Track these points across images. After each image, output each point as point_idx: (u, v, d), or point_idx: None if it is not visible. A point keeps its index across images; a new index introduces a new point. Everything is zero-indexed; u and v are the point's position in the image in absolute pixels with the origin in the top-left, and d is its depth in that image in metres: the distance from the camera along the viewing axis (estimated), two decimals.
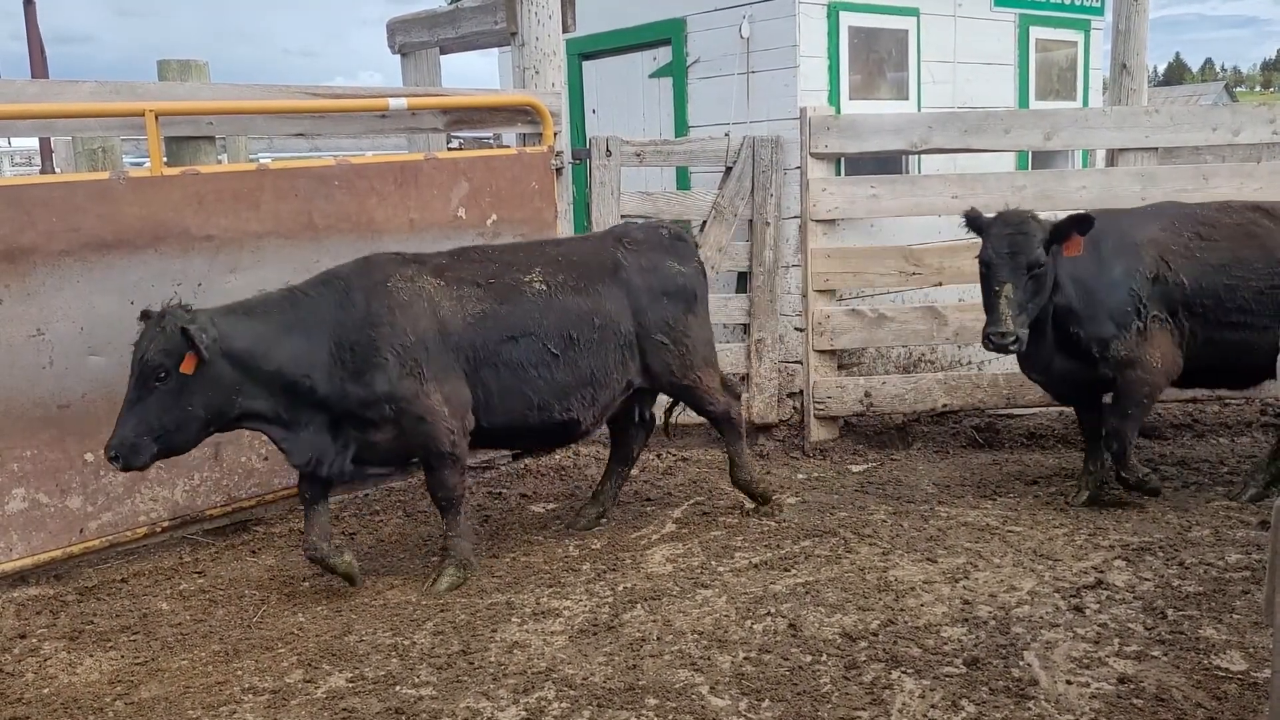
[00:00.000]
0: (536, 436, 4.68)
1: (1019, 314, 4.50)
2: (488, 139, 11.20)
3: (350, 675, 3.61)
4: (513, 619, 4.01)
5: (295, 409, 4.09)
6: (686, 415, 5.28)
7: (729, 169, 6.20)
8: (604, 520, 5.02)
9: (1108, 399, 4.94)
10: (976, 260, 5.99)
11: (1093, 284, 4.70)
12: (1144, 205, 5.08)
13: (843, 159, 6.44)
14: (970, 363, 7.48)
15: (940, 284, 6.18)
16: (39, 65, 9.17)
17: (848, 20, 6.73)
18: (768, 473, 5.81)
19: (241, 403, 3.99)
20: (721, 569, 4.42)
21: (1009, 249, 4.55)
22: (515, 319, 4.38)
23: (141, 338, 3.88)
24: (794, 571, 4.36)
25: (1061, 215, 4.74)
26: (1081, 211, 4.58)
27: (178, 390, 3.84)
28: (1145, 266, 4.71)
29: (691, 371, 4.80)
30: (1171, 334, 4.73)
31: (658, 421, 5.21)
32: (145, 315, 3.95)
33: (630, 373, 4.68)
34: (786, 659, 3.58)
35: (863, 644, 3.67)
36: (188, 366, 3.81)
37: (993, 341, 4.51)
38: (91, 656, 3.85)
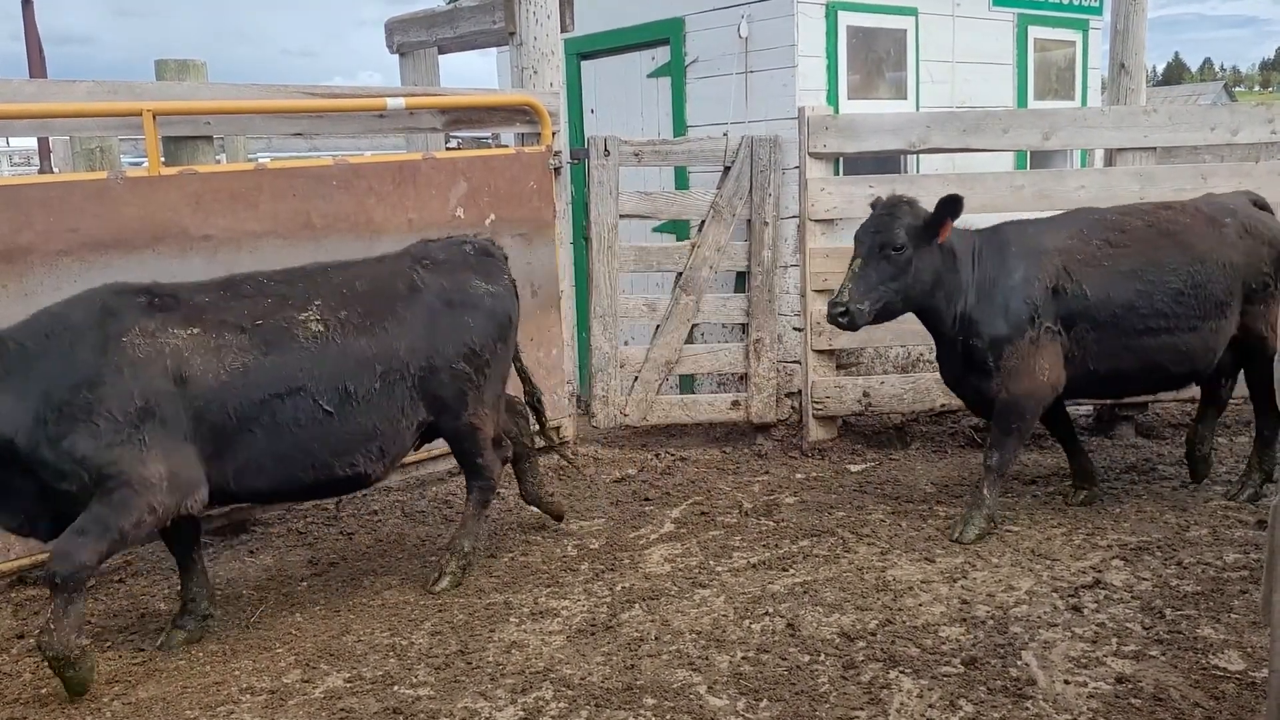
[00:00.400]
0: (317, 493, 4.21)
1: (865, 291, 4.46)
2: (486, 139, 11.20)
3: (348, 675, 3.60)
4: (511, 619, 4.01)
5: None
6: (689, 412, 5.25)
7: (727, 169, 6.20)
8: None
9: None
10: None
11: (992, 291, 4.61)
12: (1059, 212, 5.02)
13: (841, 159, 6.43)
14: None
15: None
16: (37, 65, 9.15)
17: (846, 20, 6.72)
18: (766, 472, 5.82)
19: None
20: (720, 569, 4.42)
21: (873, 228, 4.58)
22: (283, 372, 3.78)
23: None
24: (792, 571, 4.36)
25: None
26: (950, 194, 4.50)
27: None
28: (1046, 275, 4.60)
29: (480, 409, 4.30)
30: (1061, 346, 4.62)
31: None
32: None
33: (421, 413, 4.16)
34: (784, 659, 3.58)
35: (861, 644, 3.67)
36: None
37: (828, 311, 4.54)
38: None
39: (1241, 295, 4.79)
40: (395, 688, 3.50)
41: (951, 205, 4.48)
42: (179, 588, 4.06)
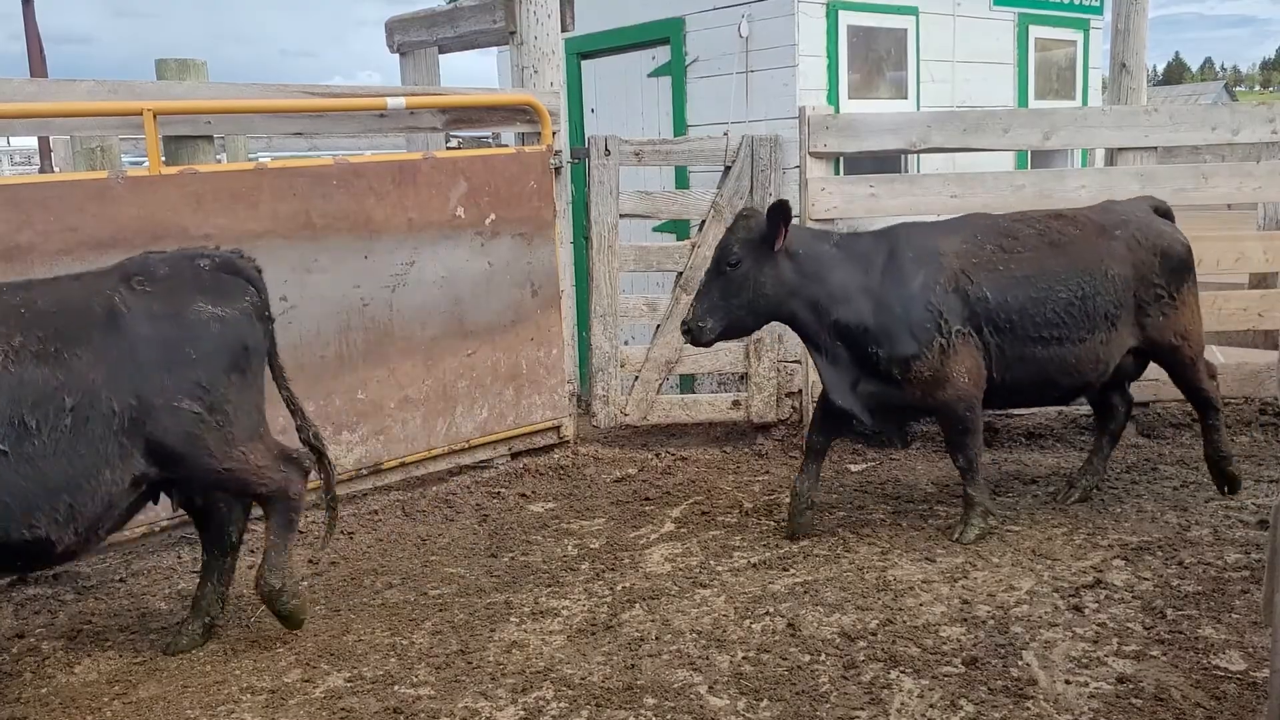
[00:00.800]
0: None
1: (708, 309, 4.44)
2: (486, 138, 11.20)
3: (348, 675, 3.60)
4: (511, 619, 4.00)
5: None
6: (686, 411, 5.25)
7: (728, 168, 6.19)
8: (207, 634, 3.91)
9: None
10: None
11: (889, 299, 4.45)
12: (949, 217, 4.95)
13: (841, 158, 6.43)
14: None
15: None
16: (38, 65, 9.16)
17: (846, 19, 6.72)
18: (766, 472, 5.82)
19: None
20: (720, 568, 4.42)
21: (721, 243, 4.51)
22: None
23: None
24: (792, 571, 4.36)
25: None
26: (779, 200, 4.39)
27: None
28: (945, 278, 4.48)
29: (235, 449, 3.63)
30: (976, 348, 4.51)
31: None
32: None
33: (136, 465, 3.45)
34: (785, 658, 3.58)
35: (861, 643, 3.67)
36: None
37: (680, 328, 4.57)
38: (90, 656, 3.84)
39: (1134, 308, 4.70)
40: (396, 687, 3.50)
41: (781, 211, 4.34)
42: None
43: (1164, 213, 5.02)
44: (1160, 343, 4.80)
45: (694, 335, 4.47)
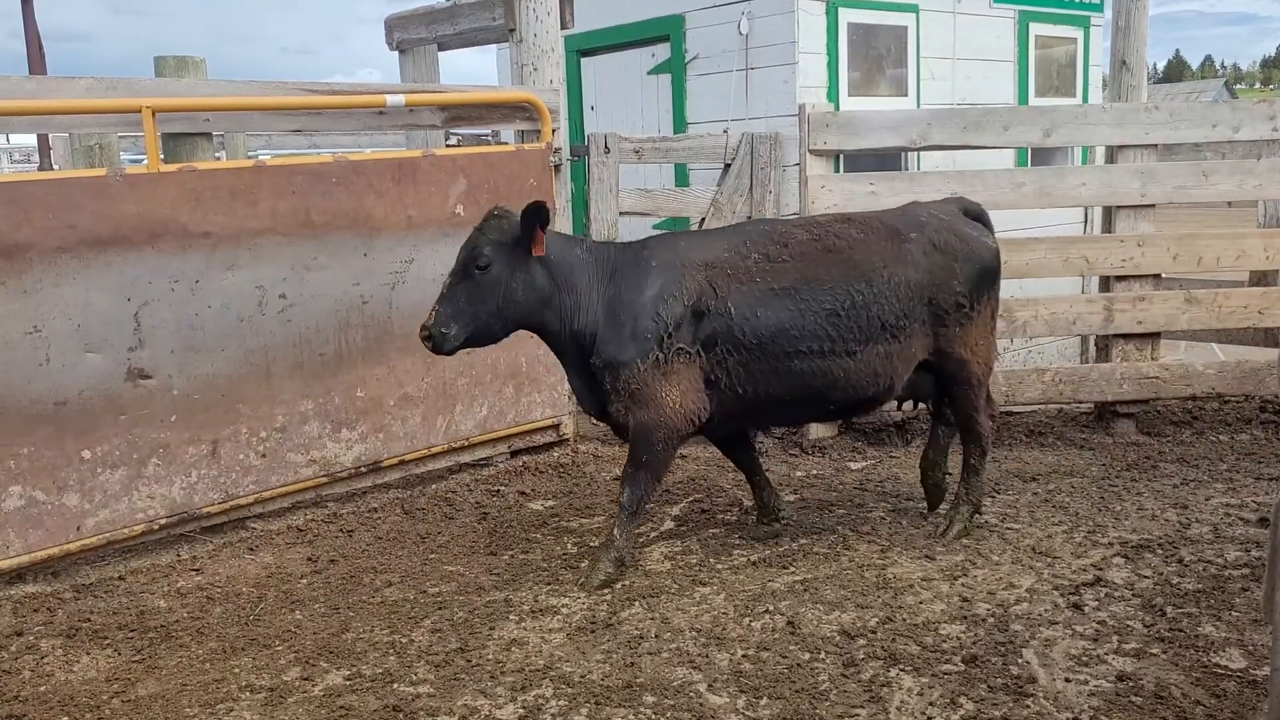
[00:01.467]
0: None
1: (453, 314, 4.09)
2: (486, 136, 11.19)
3: (348, 673, 3.60)
4: (510, 617, 4.00)
5: None
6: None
7: (728, 166, 6.19)
8: None
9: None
10: None
11: (619, 308, 4.20)
12: (731, 224, 4.67)
13: (841, 156, 6.43)
14: None
15: None
16: (37, 63, 9.16)
17: (847, 17, 6.72)
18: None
19: None
20: (720, 566, 4.41)
21: (468, 244, 4.19)
22: None
23: None
24: (792, 569, 4.36)
25: (1063, 210, 4.72)
26: (534, 202, 4.07)
27: None
28: (684, 292, 4.17)
29: None
30: (701, 369, 4.20)
31: None
32: None
33: None
34: (785, 656, 3.58)
35: (861, 641, 3.67)
36: None
37: (420, 334, 4.17)
38: (88, 654, 3.84)
39: (928, 316, 4.40)
40: (395, 685, 3.50)
41: (536, 214, 4.05)
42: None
43: (976, 215, 4.74)
44: (949, 354, 4.50)
45: (435, 343, 4.09)
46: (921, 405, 4.97)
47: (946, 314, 4.44)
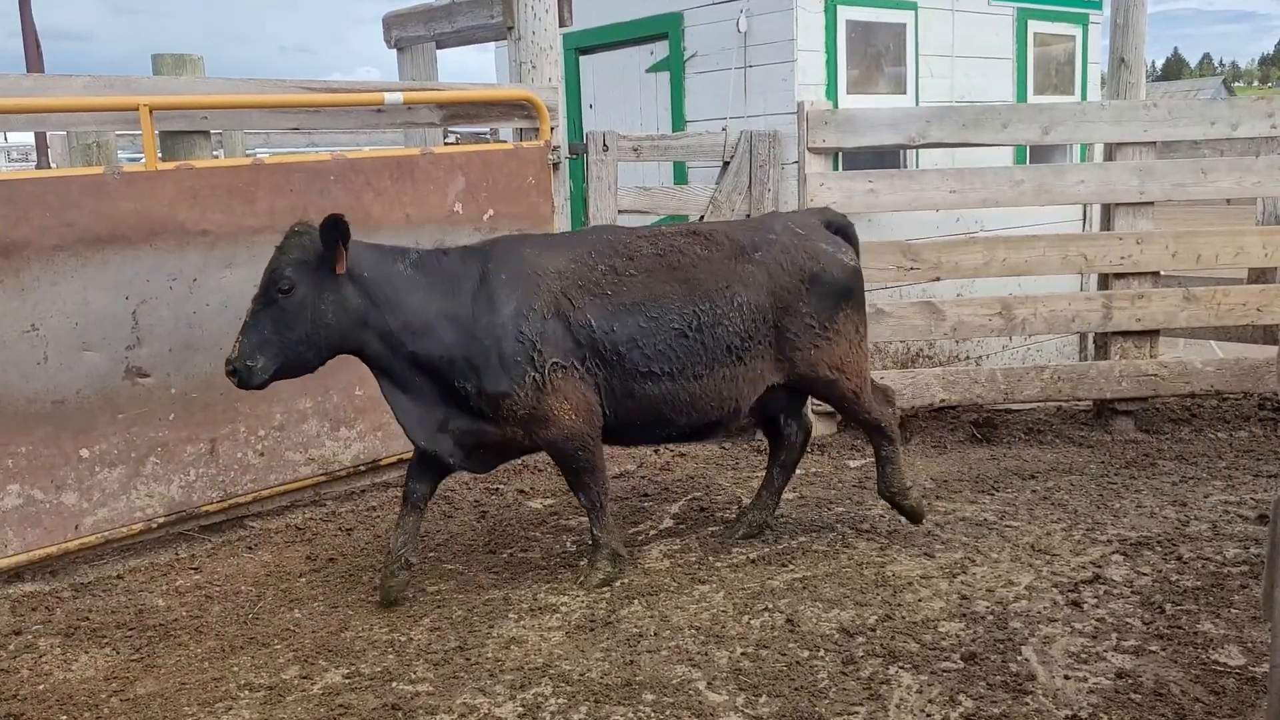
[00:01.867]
0: None
1: (259, 345, 3.75)
2: (484, 134, 11.18)
3: (347, 671, 3.60)
4: (510, 615, 4.00)
5: None
6: None
7: (726, 164, 6.19)
8: None
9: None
10: (972, 255, 6.03)
11: (477, 328, 3.94)
12: (566, 231, 4.39)
13: (840, 153, 6.43)
14: (968, 358, 7.49)
15: (938, 279, 6.17)
16: (35, 61, 9.13)
17: (845, 14, 6.71)
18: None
19: None
20: (719, 564, 4.41)
21: (270, 266, 3.82)
22: None
23: None
24: (791, 567, 4.35)
25: (1061, 208, 4.68)
26: (331, 215, 3.72)
27: None
28: (543, 304, 3.96)
29: None
30: (584, 380, 4.02)
31: None
32: None
33: None
34: (784, 654, 3.58)
35: (860, 639, 3.67)
36: None
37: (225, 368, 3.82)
38: (87, 653, 3.83)
39: (776, 339, 4.25)
40: (394, 684, 3.50)
41: (336, 229, 3.72)
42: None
43: (840, 228, 4.55)
44: (813, 378, 4.35)
45: (240, 378, 3.76)
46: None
47: (797, 336, 4.26)
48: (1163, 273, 6.16)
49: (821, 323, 4.30)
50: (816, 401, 4.80)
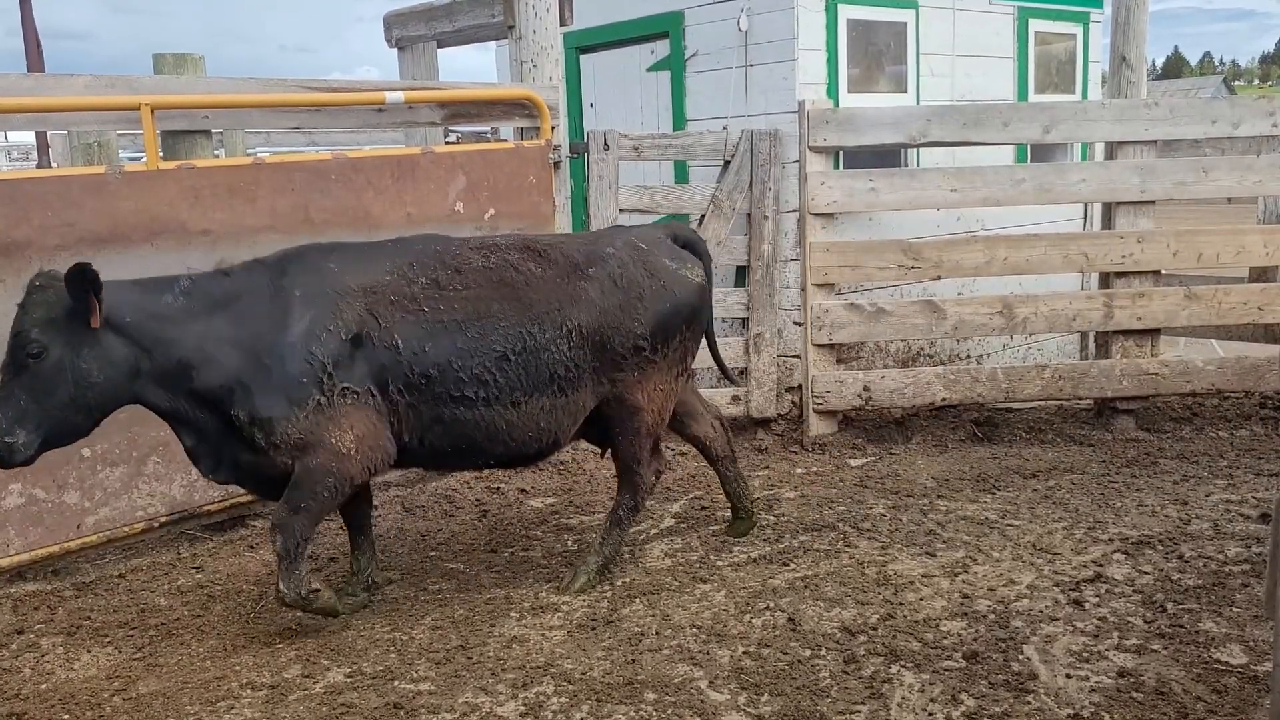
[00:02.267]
0: None
1: (16, 418, 3.36)
2: (485, 133, 11.18)
3: (348, 670, 3.60)
4: (511, 614, 4.00)
5: None
6: None
7: (727, 163, 6.18)
8: None
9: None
10: (973, 254, 6.03)
11: (260, 349, 3.58)
12: (388, 239, 4.04)
13: (841, 152, 6.43)
14: (969, 356, 7.48)
15: (939, 278, 6.17)
16: (35, 61, 9.14)
17: (846, 13, 6.70)
18: (766, 467, 5.81)
19: None
20: (720, 563, 4.41)
21: (14, 328, 3.41)
22: None
23: None
24: (793, 566, 4.36)
25: (1062, 207, 4.64)
26: (77, 265, 3.31)
27: None
28: (342, 324, 3.64)
29: None
30: (377, 409, 3.69)
31: None
32: None
33: None
34: (785, 653, 3.58)
35: (862, 638, 3.67)
36: None
37: None
38: (89, 652, 3.84)
39: (601, 363, 3.97)
40: (396, 682, 3.50)
41: (82, 279, 3.32)
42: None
43: (688, 243, 4.31)
44: (622, 400, 4.05)
45: (1, 460, 3.41)
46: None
47: (623, 358, 3.99)
48: (1164, 271, 6.16)
49: (654, 345, 4.04)
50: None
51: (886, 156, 7.00)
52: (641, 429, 4.13)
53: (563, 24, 6.19)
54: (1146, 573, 4.14)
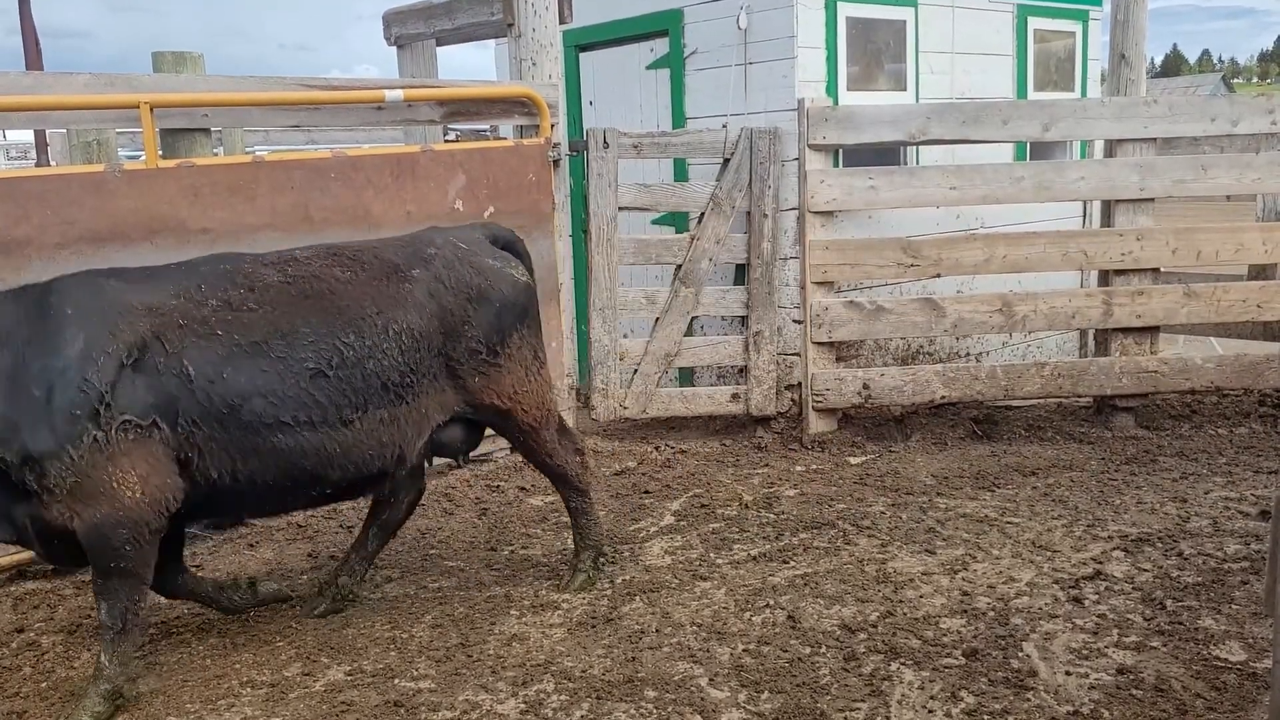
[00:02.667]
0: None
1: None
2: (484, 131, 11.17)
3: (348, 668, 3.60)
4: (511, 612, 4.00)
5: None
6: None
7: (726, 160, 6.18)
8: None
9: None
10: (973, 252, 6.03)
11: (25, 378, 3.16)
12: (185, 260, 3.65)
13: (841, 150, 6.42)
14: (968, 354, 7.49)
15: (938, 276, 6.17)
16: (34, 59, 9.13)
17: (845, 11, 6.70)
18: (766, 465, 5.81)
19: None
20: (720, 561, 4.42)
21: None
22: None
23: None
24: (792, 563, 4.36)
25: (1061, 205, 4.63)
26: None
27: None
28: (121, 348, 3.23)
29: None
30: (164, 443, 3.28)
31: None
32: None
33: None
34: (785, 651, 3.58)
35: (861, 635, 3.67)
36: None
37: None
38: (89, 650, 3.84)
39: (442, 369, 3.75)
40: (396, 680, 3.50)
41: None
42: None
43: (507, 244, 4.17)
44: (484, 406, 3.89)
45: None
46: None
47: (463, 363, 3.80)
48: (1163, 269, 6.16)
49: (491, 347, 3.86)
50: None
51: (886, 154, 7.00)
52: (524, 425, 4.01)
53: (562, 22, 6.19)
54: (1146, 570, 4.14)
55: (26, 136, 15.32)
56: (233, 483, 3.43)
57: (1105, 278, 6.28)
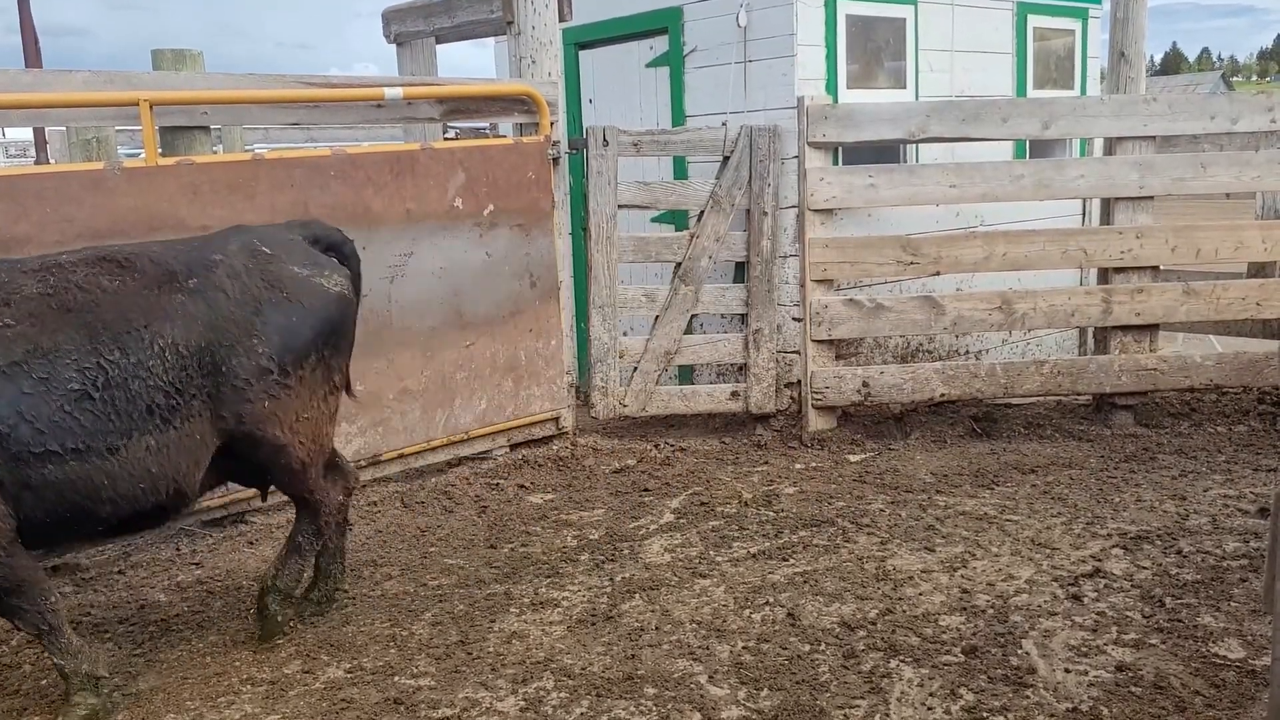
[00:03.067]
0: None
1: None
2: (484, 129, 11.16)
3: (348, 666, 3.60)
4: (511, 609, 4.00)
5: None
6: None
7: (726, 158, 6.18)
8: None
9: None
10: (972, 250, 6.03)
11: None
12: None
13: (840, 148, 6.42)
14: (968, 352, 7.49)
15: (938, 274, 6.17)
16: (33, 57, 9.13)
17: (845, 9, 6.70)
18: (765, 463, 5.81)
19: None
20: (720, 559, 4.42)
21: None
22: None
23: None
24: (792, 561, 4.36)
25: (1061, 203, 4.63)
26: None
27: None
28: None
29: None
30: None
31: None
32: None
33: None
34: (785, 648, 3.59)
35: (861, 633, 3.68)
36: None
37: None
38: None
39: (216, 389, 3.39)
40: (396, 678, 3.50)
41: None
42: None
43: (331, 244, 3.87)
44: (256, 438, 3.49)
45: None
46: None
47: (246, 384, 3.43)
48: (1162, 267, 6.16)
49: (283, 367, 3.50)
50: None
51: (885, 152, 7.00)
52: (294, 466, 3.63)
53: (562, 20, 6.19)
54: (1145, 568, 4.14)
55: (26, 134, 15.31)
56: (24, 521, 3.14)
57: (1105, 275, 6.28)
